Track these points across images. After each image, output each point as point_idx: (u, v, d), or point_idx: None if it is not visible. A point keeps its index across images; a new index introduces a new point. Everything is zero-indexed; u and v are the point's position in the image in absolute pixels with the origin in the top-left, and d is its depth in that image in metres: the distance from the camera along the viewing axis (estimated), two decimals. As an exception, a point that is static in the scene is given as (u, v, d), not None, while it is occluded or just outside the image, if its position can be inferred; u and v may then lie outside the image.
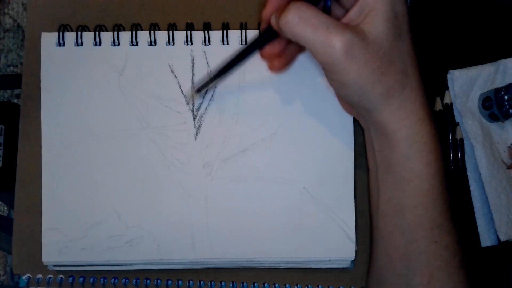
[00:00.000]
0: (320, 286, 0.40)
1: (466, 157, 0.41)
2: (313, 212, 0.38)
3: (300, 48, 0.35)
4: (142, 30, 0.40)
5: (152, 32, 0.40)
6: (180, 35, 0.40)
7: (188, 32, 0.40)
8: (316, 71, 0.39)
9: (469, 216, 0.40)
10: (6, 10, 0.45)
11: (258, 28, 0.40)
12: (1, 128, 0.41)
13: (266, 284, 0.40)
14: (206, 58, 0.39)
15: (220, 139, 0.39)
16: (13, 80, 0.44)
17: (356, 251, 0.38)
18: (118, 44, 0.40)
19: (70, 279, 0.41)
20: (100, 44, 0.40)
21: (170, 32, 0.40)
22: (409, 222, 0.32)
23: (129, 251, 0.39)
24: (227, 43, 0.39)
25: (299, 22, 0.28)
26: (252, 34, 0.39)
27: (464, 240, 0.40)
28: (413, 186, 0.31)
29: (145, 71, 0.39)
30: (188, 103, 0.39)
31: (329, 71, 0.30)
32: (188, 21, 0.41)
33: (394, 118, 0.31)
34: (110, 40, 0.40)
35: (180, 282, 0.40)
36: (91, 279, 0.41)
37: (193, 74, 0.39)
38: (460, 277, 0.32)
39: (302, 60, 0.39)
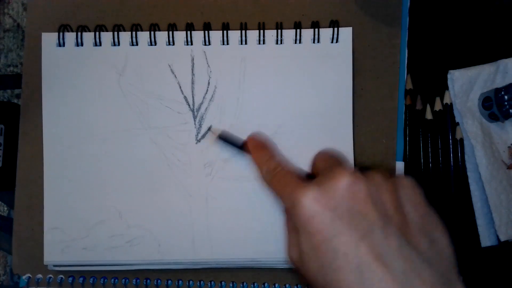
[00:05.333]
0: (320, 286, 0.40)
1: (466, 157, 0.41)
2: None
3: None
4: (142, 30, 0.40)
5: (152, 32, 0.40)
6: (180, 35, 0.40)
7: (188, 32, 0.40)
8: (316, 72, 0.39)
9: (469, 216, 0.40)
10: (6, 10, 0.45)
11: (258, 28, 0.40)
12: (1, 128, 0.41)
13: (266, 284, 0.40)
14: (206, 58, 0.39)
15: (220, 139, 0.39)
16: (13, 80, 0.44)
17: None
18: (118, 44, 0.40)
19: (70, 279, 0.41)
20: (100, 44, 0.40)
21: (170, 32, 0.40)
22: None
23: (130, 251, 0.39)
24: (227, 43, 0.39)
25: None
26: (252, 34, 0.39)
27: (464, 240, 0.40)
28: None
29: (145, 71, 0.39)
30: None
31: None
32: (188, 21, 0.41)
33: None
34: (110, 40, 0.40)
35: (180, 282, 0.40)
36: (91, 279, 0.41)
37: (193, 74, 0.39)
38: None
39: (302, 61, 0.39)
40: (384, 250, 0.25)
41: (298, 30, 0.39)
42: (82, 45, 0.40)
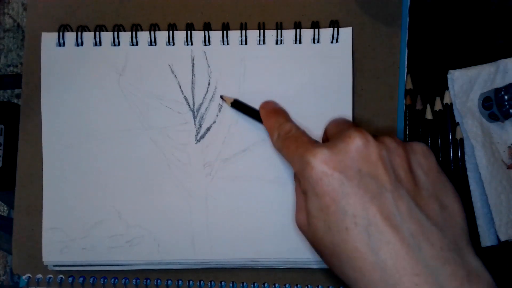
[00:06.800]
0: (320, 286, 0.40)
1: (466, 157, 0.41)
2: (313, 212, 0.38)
3: None
4: (142, 30, 0.40)
5: (152, 32, 0.40)
6: (180, 35, 0.40)
7: (188, 32, 0.40)
8: (316, 72, 0.39)
9: (469, 216, 0.40)
10: (6, 10, 0.45)
11: (258, 29, 0.40)
12: (1, 128, 0.41)
13: (266, 284, 0.40)
14: (206, 59, 0.39)
15: (220, 139, 0.39)
16: (13, 80, 0.44)
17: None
18: (118, 44, 0.40)
19: (70, 279, 0.41)
20: (100, 44, 0.40)
21: (170, 32, 0.40)
22: None
23: (130, 251, 0.39)
24: (227, 43, 0.39)
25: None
26: (252, 34, 0.39)
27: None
28: None
29: (145, 71, 0.39)
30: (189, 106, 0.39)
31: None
32: (188, 21, 0.41)
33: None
34: (110, 40, 0.40)
35: (180, 282, 0.40)
36: (91, 279, 0.41)
37: (193, 75, 0.39)
38: None
39: (302, 61, 0.39)
40: (393, 213, 0.25)
41: (298, 30, 0.39)
42: (82, 45, 0.40)
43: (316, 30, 0.39)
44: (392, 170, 0.27)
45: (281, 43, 0.39)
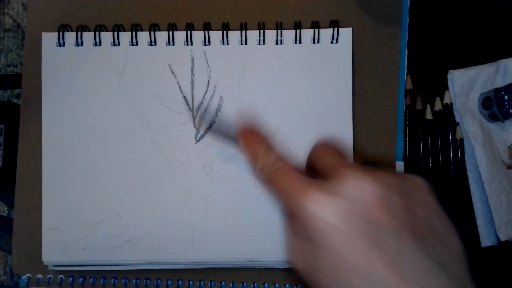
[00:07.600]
0: (320, 286, 0.40)
1: (466, 157, 0.41)
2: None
3: None
4: (142, 30, 0.40)
5: (152, 32, 0.40)
6: (180, 35, 0.40)
7: (188, 32, 0.40)
8: (316, 72, 0.39)
9: (469, 216, 0.40)
10: (6, 10, 0.45)
11: (258, 29, 0.40)
12: (1, 128, 0.41)
13: (266, 284, 0.40)
14: (206, 59, 0.39)
15: (220, 139, 0.39)
16: (13, 80, 0.44)
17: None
18: (118, 44, 0.40)
19: (70, 279, 0.41)
20: (100, 44, 0.40)
21: (170, 32, 0.40)
22: None
23: (129, 251, 0.39)
24: (227, 43, 0.39)
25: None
26: (252, 34, 0.39)
27: (464, 240, 0.40)
28: None
29: (145, 71, 0.39)
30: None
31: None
32: (188, 21, 0.41)
33: None
34: (110, 40, 0.40)
35: (180, 282, 0.40)
36: (91, 279, 0.41)
37: (193, 74, 0.39)
38: None
39: (302, 61, 0.39)
40: (395, 257, 0.24)
41: (298, 31, 0.39)
42: (82, 45, 0.40)
43: (316, 30, 0.39)
44: (390, 210, 0.26)
45: (281, 43, 0.39)
